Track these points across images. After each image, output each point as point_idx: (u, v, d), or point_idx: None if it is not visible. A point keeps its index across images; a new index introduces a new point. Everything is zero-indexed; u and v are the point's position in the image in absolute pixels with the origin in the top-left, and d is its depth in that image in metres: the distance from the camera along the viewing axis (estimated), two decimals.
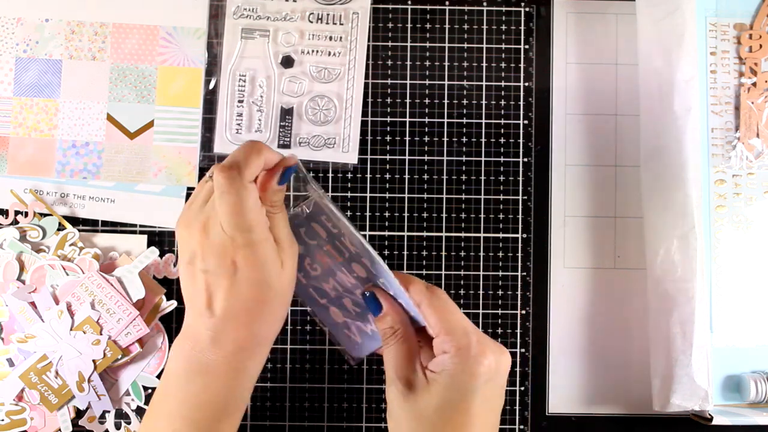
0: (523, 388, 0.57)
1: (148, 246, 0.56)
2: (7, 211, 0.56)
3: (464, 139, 0.58)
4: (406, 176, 0.58)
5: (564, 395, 0.57)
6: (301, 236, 0.44)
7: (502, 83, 0.58)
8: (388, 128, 0.58)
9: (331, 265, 0.45)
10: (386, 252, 0.57)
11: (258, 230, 0.41)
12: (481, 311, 0.57)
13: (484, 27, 0.58)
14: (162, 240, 0.57)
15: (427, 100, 0.58)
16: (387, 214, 0.57)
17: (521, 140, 0.58)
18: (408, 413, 0.42)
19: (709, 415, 0.52)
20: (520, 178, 0.58)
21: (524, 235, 0.58)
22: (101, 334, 0.53)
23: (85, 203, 0.56)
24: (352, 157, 0.57)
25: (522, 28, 0.58)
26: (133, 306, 0.54)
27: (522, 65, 0.58)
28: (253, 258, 0.41)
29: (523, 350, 0.57)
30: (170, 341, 0.56)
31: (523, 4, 0.58)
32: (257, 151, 0.42)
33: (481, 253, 0.57)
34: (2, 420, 0.54)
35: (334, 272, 0.45)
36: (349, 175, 0.58)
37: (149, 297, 0.55)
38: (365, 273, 0.44)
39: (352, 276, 0.45)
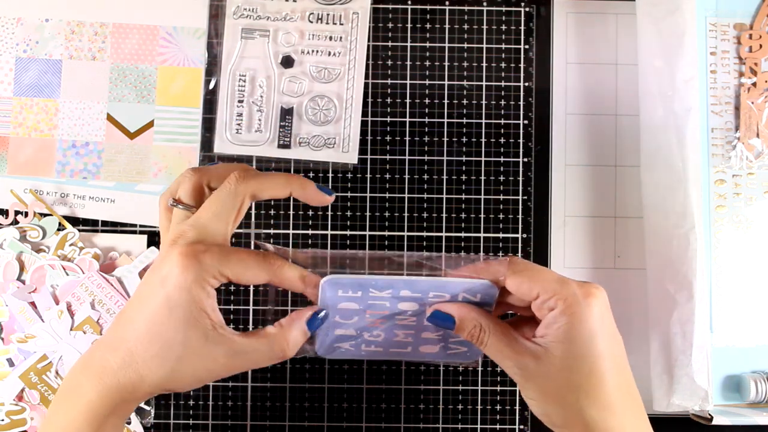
0: None
1: (148, 246, 0.56)
2: (7, 211, 0.56)
3: (464, 139, 0.58)
4: (406, 176, 0.58)
5: None
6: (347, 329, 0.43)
7: (502, 83, 0.58)
8: (388, 128, 0.58)
9: (386, 323, 0.43)
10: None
11: (221, 278, 0.40)
12: None
13: (484, 27, 0.58)
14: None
15: (427, 100, 0.58)
16: (387, 214, 0.57)
17: (521, 140, 0.58)
18: (543, 386, 0.41)
19: (709, 415, 0.52)
20: (520, 178, 0.58)
21: (524, 235, 0.58)
22: (101, 334, 0.53)
23: (85, 203, 0.57)
24: (352, 157, 0.57)
25: (522, 28, 0.58)
26: None
27: (522, 65, 0.58)
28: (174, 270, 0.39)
29: None
30: None
31: (523, 4, 0.58)
32: (288, 180, 0.43)
33: (481, 253, 0.57)
34: (2, 420, 0.54)
35: (394, 323, 0.43)
36: (349, 175, 0.58)
37: None
38: (416, 305, 0.43)
39: (409, 317, 0.43)
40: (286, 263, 0.41)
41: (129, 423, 0.55)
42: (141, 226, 0.57)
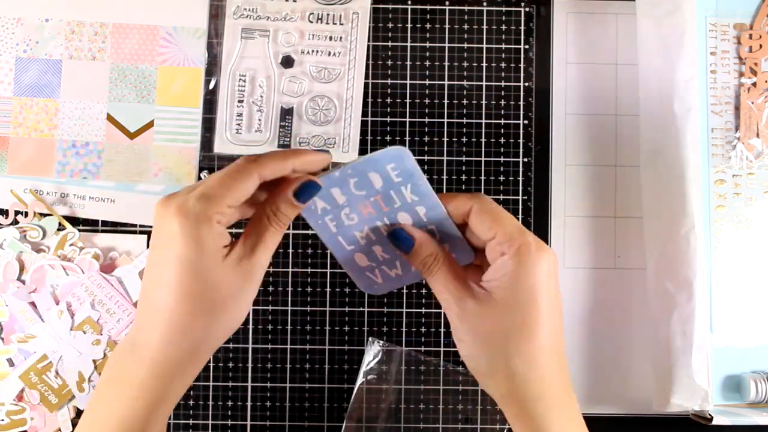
0: None
1: (148, 246, 0.56)
2: (7, 211, 0.56)
3: (464, 139, 0.58)
4: None
5: None
6: (348, 187, 0.43)
7: (502, 83, 0.58)
8: (388, 128, 0.58)
9: (372, 215, 0.44)
10: None
11: (224, 212, 0.38)
12: None
13: (484, 27, 0.58)
14: None
15: (427, 100, 0.58)
16: None
17: (521, 140, 0.58)
18: (476, 327, 0.41)
19: (709, 415, 0.52)
20: (520, 178, 0.58)
21: None
22: (101, 334, 0.53)
23: (85, 203, 0.56)
24: (352, 157, 0.57)
25: (522, 28, 0.58)
26: (133, 306, 0.54)
27: (522, 65, 0.58)
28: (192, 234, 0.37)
29: None
30: None
31: (523, 4, 0.58)
32: (285, 153, 0.41)
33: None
34: (2, 420, 0.54)
35: (373, 222, 0.44)
36: None
37: None
38: (411, 220, 0.43)
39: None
40: (262, 155, 0.40)
41: None
42: (141, 226, 0.57)
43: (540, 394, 0.41)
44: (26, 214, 0.56)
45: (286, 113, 0.57)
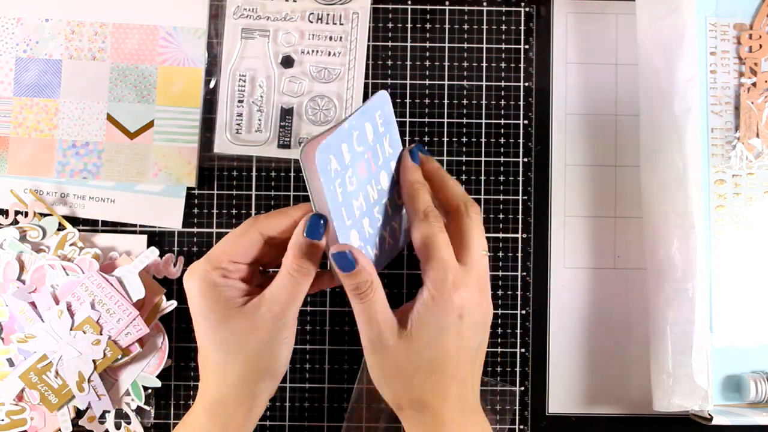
0: (523, 388, 0.57)
1: (148, 246, 0.56)
2: (7, 211, 0.56)
3: (464, 139, 0.58)
4: None
5: (564, 395, 0.57)
6: (352, 142, 0.43)
7: (502, 83, 0.58)
8: None
9: (365, 176, 0.44)
10: None
11: (229, 267, 0.45)
12: None
13: (484, 27, 0.58)
14: (162, 240, 0.57)
15: (427, 100, 0.58)
16: None
17: (521, 140, 0.58)
18: (386, 362, 0.43)
19: (709, 415, 0.52)
20: (520, 178, 0.58)
21: (524, 235, 0.58)
22: (101, 334, 0.53)
23: (85, 203, 0.56)
24: None
25: (522, 28, 0.58)
26: (133, 306, 0.54)
27: (522, 65, 0.58)
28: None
29: (523, 350, 0.57)
30: (170, 341, 0.56)
31: (523, 4, 0.58)
32: (284, 209, 0.45)
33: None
34: (2, 420, 0.54)
35: (365, 186, 0.44)
36: None
37: (149, 297, 0.55)
38: (388, 182, 0.44)
39: (376, 189, 0.44)
40: (269, 213, 0.45)
41: (129, 423, 0.55)
42: (141, 226, 0.57)
43: (442, 421, 0.43)
44: (26, 214, 0.56)
45: (286, 113, 0.57)
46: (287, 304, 0.43)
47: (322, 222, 0.43)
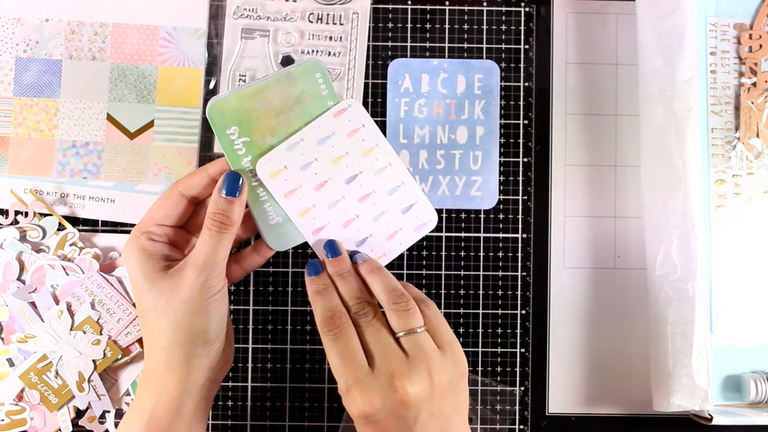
0: (523, 388, 0.57)
1: None
2: (7, 211, 0.56)
3: None
4: None
5: (564, 395, 0.57)
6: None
7: (503, 83, 0.58)
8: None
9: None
10: None
11: (155, 230, 0.45)
12: (481, 311, 0.57)
13: (484, 27, 0.58)
14: None
15: None
16: None
17: (521, 140, 0.58)
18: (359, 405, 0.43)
19: (709, 415, 0.52)
20: (520, 178, 0.58)
21: (524, 235, 0.58)
22: (101, 334, 0.53)
23: (85, 203, 0.57)
24: None
25: (522, 28, 0.58)
26: (133, 306, 0.54)
27: (522, 65, 0.58)
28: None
29: (523, 350, 0.57)
30: None
31: (523, 4, 0.58)
32: (202, 167, 0.46)
33: (481, 253, 0.57)
34: (2, 420, 0.54)
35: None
36: None
37: None
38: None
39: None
40: (189, 173, 0.46)
41: None
42: None
43: None
44: (26, 214, 0.56)
45: None
46: (208, 259, 0.43)
47: (240, 180, 0.44)
